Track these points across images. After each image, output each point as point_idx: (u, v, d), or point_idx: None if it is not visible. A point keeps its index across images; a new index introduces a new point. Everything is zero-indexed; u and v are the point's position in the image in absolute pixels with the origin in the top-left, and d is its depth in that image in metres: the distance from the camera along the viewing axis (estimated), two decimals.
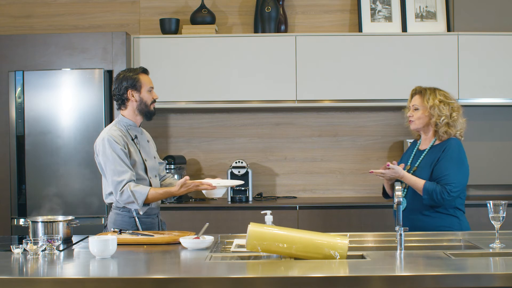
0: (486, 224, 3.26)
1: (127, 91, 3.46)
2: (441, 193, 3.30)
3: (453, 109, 3.45)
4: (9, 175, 4.69)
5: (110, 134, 3.37)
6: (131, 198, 3.30)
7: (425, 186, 3.33)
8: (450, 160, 3.36)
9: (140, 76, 3.49)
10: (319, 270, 2.45)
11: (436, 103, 3.43)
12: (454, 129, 3.45)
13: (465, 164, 3.40)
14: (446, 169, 3.34)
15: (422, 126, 3.49)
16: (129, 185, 3.31)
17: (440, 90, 3.50)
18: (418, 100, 3.50)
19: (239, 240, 3.03)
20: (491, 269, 2.46)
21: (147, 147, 3.57)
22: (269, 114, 5.25)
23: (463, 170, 3.38)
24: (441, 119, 3.42)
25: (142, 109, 3.48)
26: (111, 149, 3.33)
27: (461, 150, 3.41)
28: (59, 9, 5.25)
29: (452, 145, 3.40)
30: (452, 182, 3.31)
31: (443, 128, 3.43)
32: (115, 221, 3.42)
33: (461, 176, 3.35)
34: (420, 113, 3.48)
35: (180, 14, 5.21)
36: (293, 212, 4.71)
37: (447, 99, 3.47)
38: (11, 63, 4.71)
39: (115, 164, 3.32)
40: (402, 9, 5.02)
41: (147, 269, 2.56)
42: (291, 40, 4.87)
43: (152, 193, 3.34)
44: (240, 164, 4.93)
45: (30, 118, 4.68)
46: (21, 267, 2.56)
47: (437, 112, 3.42)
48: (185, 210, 4.75)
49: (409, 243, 3.05)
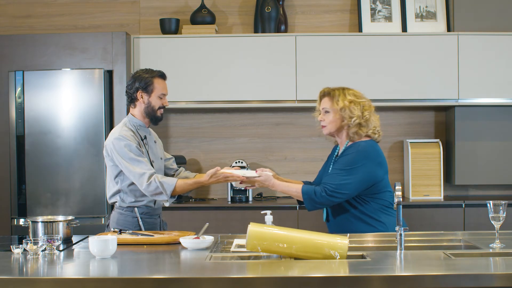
0: (486, 224, 3.26)
1: (138, 91, 3.44)
2: (321, 192, 3.16)
3: (364, 108, 3.27)
4: (9, 175, 4.69)
5: (122, 134, 3.36)
6: (159, 189, 3.27)
7: (303, 189, 3.21)
8: (340, 163, 3.22)
9: (155, 80, 3.45)
10: (319, 270, 2.45)
11: (346, 104, 3.25)
12: (366, 129, 3.26)
13: (356, 169, 3.16)
14: (333, 171, 3.23)
15: (335, 130, 3.32)
16: (156, 176, 3.29)
17: (349, 90, 3.33)
18: (328, 103, 3.31)
19: (239, 240, 3.03)
20: (491, 269, 2.46)
21: (154, 147, 3.56)
22: (269, 114, 5.25)
23: (351, 175, 3.15)
24: (352, 120, 3.24)
25: (149, 113, 3.46)
26: (126, 147, 3.31)
27: (358, 154, 3.19)
28: (59, 9, 5.25)
29: (351, 150, 3.23)
30: (332, 182, 3.16)
31: (353, 129, 3.25)
32: (118, 220, 3.42)
33: (342, 179, 3.15)
34: (331, 116, 3.29)
35: (180, 14, 5.21)
36: (293, 212, 4.72)
37: (357, 98, 3.29)
38: (11, 63, 4.71)
39: (133, 159, 3.30)
40: (402, 9, 5.02)
41: (147, 269, 2.56)
42: (291, 40, 4.87)
43: (180, 184, 3.31)
44: (240, 164, 4.93)
45: (30, 118, 4.68)
46: (21, 267, 2.56)
47: (348, 113, 3.24)
48: (185, 210, 4.75)
49: (409, 243, 3.05)
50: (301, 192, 3.23)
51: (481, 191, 5.12)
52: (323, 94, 3.37)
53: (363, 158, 3.20)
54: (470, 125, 4.95)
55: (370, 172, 3.20)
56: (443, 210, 4.71)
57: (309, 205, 3.23)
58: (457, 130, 4.94)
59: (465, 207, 4.72)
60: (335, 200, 3.19)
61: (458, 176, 4.94)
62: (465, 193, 5.13)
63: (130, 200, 3.41)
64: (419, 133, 5.23)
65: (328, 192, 3.16)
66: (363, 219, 3.23)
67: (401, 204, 2.76)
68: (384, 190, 3.27)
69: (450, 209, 4.73)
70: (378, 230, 3.21)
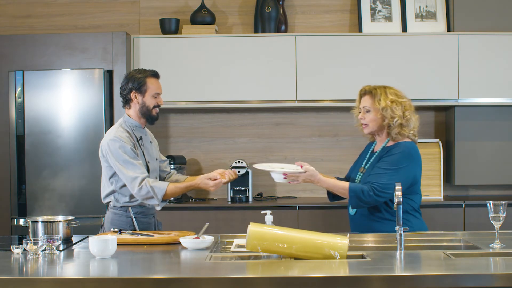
0: (486, 224, 3.26)
1: (131, 92, 3.43)
2: (368, 191, 3.13)
3: (405, 108, 3.24)
4: (9, 175, 4.69)
5: (117, 135, 3.36)
6: (150, 194, 3.28)
7: (351, 187, 3.17)
8: (386, 162, 3.20)
9: (148, 79, 3.45)
10: (319, 270, 2.44)
11: (388, 104, 3.22)
12: (408, 129, 3.25)
13: (402, 170, 3.17)
14: (379, 170, 3.19)
15: (377, 129, 3.30)
16: (147, 180, 3.29)
17: (390, 88, 3.29)
18: (368, 101, 3.28)
19: (239, 240, 3.03)
20: (491, 269, 2.46)
21: (150, 148, 3.56)
22: (269, 114, 5.25)
23: (397, 175, 3.15)
24: (394, 120, 3.22)
25: (144, 113, 3.46)
26: (121, 149, 3.32)
27: (404, 155, 3.19)
28: (59, 9, 5.25)
29: (396, 150, 3.22)
30: (379, 182, 3.14)
31: (396, 129, 3.23)
32: (112, 220, 3.43)
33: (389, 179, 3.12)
34: (372, 115, 3.27)
35: (180, 14, 5.21)
36: (293, 212, 4.71)
37: (398, 98, 3.26)
38: (11, 63, 4.71)
39: (127, 162, 3.31)
40: (402, 9, 5.02)
41: (147, 269, 2.56)
42: (291, 40, 4.87)
43: (171, 188, 3.32)
44: (240, 164, 4.93)
45: (30, 118, 4.68)
46: (21, 267, 2.56)
47: (389, 113, 3.22)
48: (185, 210, 4.75)
49: (409, 243, 3.05)
50: (348, 190, 3.19)
51: (481, 191, 5.11)
52: (364, 92, 3.34)
53: (408, 159, 3.20)
54: (470, 125, 4.95)
55: (412, 173, 3.21)
56: (443, 210, 4.71)
57: (354, 203, 3.20)
58: (457, 130, 4.94)
59: (465, 207, 4.72)
60: (381, 199, 3.17)
61: (458, 176, 4.94)
62: (465, 193, 5.13)
63: (124, 200, 3.42)
64: (419, 133, 5.20)
65: (375, 192, 3.14)
66: (391, 220, 3.21)
67: (401, 204, 2.76)
68: (417, 192, 3.29)
69: (450, 209, 4.73)
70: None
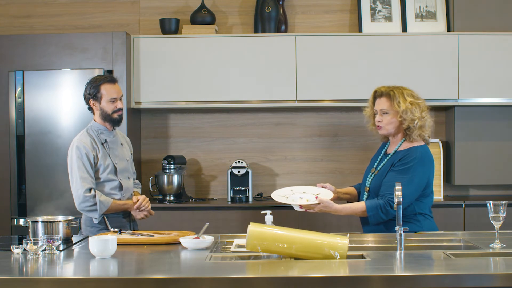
0: (486, 224, 3.26)
1: (89, 100, 3.53)
2: (385, 206, 3.13)
3: (422, 109, 3.22)
4: (9, 175, 4.69)
5: (80, 140, 3.47)
6: (94, 207, 3.39)
7: (367, 206, 3.16)
8: (400, 171, 3.16)
9: (102, 86, 3.50)
10: (319, 270, 2.44)
11: (408, 107, 3.18)
12: (426, 130, 3.23)
13: (415, 178, 3.15)
14: (392, 179, 3.15)
15: (393, 132, 3.28)
16: (97, 192, 3.41)
17: (406, 90, 3.26)
18: (386, 104, 3.24)
19: (239, 240, 3.03)
20: (491, 269, 2.46)
21: (119, 150, 3.62)
22: (269, 114, 5.25)
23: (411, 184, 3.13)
24: (414, 122, 3.19)
25: (105, 118, 3.54)
26: (77, 156, 3.43)
27: (416, 163, 3.16)
28: (59, 9, 5.25)
29: (408, 158, 3.18)
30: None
31: (416, 131, 3.21)
32: (85, 221, 3.53)
33: (406, 189, 3.09)
34: (390, 117, 3.24)
35: (180, 14, 5.21)
36: (293, 212, 4.69)
37: (415, 99, 3.23)
38: (11, 63, 4.71)
39: (79, 170, 3.42)
40: (402, 9, 5.02)
41: (147, 269, 2.56)
42: (291, 40, 4.86)
43: (113, 206, 3.46)
44: (240, 164, 4.93)
45: (30, 118, 4.68)
46: (21, 267, 2.56)
47: (410, 116, 3.19)
48: (185, 210, 4.75)
49: (409, 243, 3.05)
50: (365, 210, 3.18)
51: (481, 191, 5.11)
52: (380, 94, 3.29)
53: (421, 165, 3.17)
54: (470, 125, 4.95)
55: (425, 179, 3.20)
56: (443, 210, 4.71)
57: (374, 221, 3.19)
58: (457, 130, 4.94)
59: (465, 207, 4.72)
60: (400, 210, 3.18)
61: (458, 176, 4.94)
62: (465, 193, 5.13)
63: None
64: None
65: (392, 205, 3.13)
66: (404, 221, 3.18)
67: (401, 204, 2.76)
68: (429, 194, 3.26)
69: (450, 209, 4.73)
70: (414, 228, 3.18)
